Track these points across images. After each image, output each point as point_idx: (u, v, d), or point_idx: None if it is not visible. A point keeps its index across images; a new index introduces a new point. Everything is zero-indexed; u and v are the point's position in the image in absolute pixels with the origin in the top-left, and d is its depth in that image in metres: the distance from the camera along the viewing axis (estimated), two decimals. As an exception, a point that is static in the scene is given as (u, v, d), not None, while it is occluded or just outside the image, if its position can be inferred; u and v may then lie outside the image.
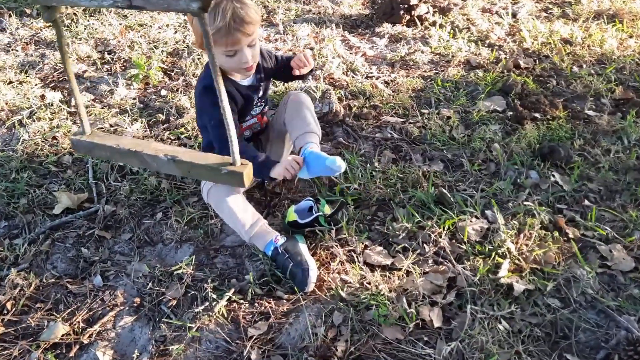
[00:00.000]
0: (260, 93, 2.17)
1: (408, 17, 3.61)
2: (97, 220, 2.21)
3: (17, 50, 3.48)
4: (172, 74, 3.20)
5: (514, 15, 3.74)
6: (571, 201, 2.23)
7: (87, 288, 1.95)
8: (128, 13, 3.88)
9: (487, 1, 3.99)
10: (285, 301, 1.87)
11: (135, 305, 1.89)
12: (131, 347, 1.76)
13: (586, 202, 2.21)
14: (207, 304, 1.85)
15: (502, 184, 2.30)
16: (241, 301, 1.87)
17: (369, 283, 1.89)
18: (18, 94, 2.99)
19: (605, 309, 1.80)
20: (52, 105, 2.89)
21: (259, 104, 2.19)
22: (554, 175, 2.34)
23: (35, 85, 3.07)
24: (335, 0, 4.04)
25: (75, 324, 1.83)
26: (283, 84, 2.96)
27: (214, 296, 1.87)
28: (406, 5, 3.60)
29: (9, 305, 1.89)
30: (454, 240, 2.06)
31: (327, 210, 2.14)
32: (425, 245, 2.04)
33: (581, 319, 1.77)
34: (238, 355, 1.71)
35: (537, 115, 2.69)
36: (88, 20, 3.83)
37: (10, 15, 3.93)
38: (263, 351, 1.72)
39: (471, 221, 2.13)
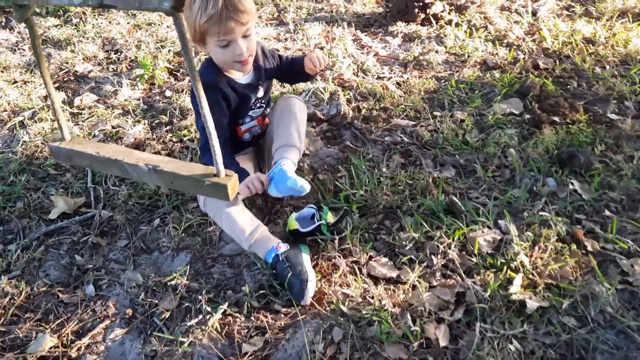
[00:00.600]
0: (260, 93, 2.08)
1: (423, 15, 3.49)
2: (93, 226, 2.14)
3: (23, 50, 3.44)
4: (178, 74, 3.13)
5: (534, 13, 3.60)
6: (591, 211, 2.09)
7: (78, 298, 1.88)
8: (137, 12, 3.82)
9: (505, -1, 3.85)
10: (283, 315, 1.78)
11: (127, 316, 1.81)
12: (121, 363, 1.68)
13: (607, 213, 2.07)
14: (200, 317, 1.76)
15: (517, 192, 2.18)
16: (236, 314, 1.78)
17: (372, 297, 1.79)
18: (21, 94, 2.93)
19: (626, 329, 1.67)
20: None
21: (258, 105, 2.10)
22: (572, 183, 2.20)
23: (40, 85, 3.01)
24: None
25: (64, 336, 1.75)
26: (290, 86, 2.87)
27: (209, 309, 1.78)
28: (421, 3, 3.48)
29: (-3, 315, 1.83)
30: (463, 252, 1.95)
31: (330, 218, 2.04)
32: (433, 256, 1.92)
33: (599, 339, 1.65)
34: (231, 373, 1.62)
35: (556, 118, 2.56)
36: (97, 19, 3.78)
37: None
38: (257, 369, 1.62)
39: (483, 232, 2.01)
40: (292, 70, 2.15)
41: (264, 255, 1.91)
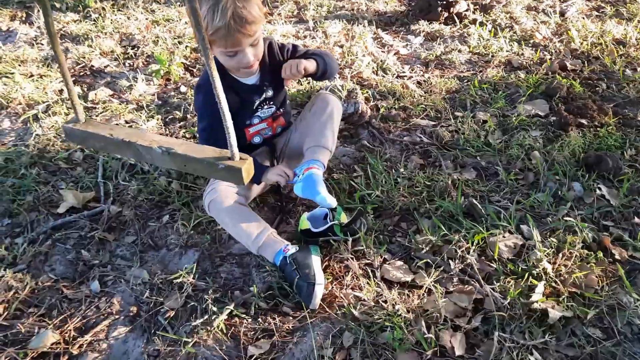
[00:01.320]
0: (269, 93, 2.01)
1: (446, 14, 3.40)
2: (101, 221, 2.09)
3: (41, 44, 3.42)
4: (194, 70, 3.08)
5: (562, 14, 3.49)
6: (619, 218, 1.99)
7: (83, 294, 1.82)
8: (156, 8, 3.79)
9: (532, -1, 3.74)
10: (291, 318, 1.70)
11: (131, 314, 1.75)
12: (122, 361, 1.62)
13: (636, 220, 1.97)
14: (206, 317, 1.70)
15: (540, 196, 2.08)
16: (243, 316, 1.71)
17: (385, 301, 1.71)
18: (37, 87, 2.91)
19: (655, 343, 1.57)
20: (68, 99, 2.80)
21: (266, 106, 2.03)
22: (600, 188, 2.10)
23: (55, 79, 2.99)
24: (370, -3, 3.85)
25: (66, 332, 1.70)
26: (308, 82, 2.80)
27: (215, 309, 1.71)
28: (445, 2, 3.39)
29: (0, 309, 1.78)
30: (483, 257, 1.86)
31: (344, 218, 1.96)
32: (450, 261, 1.83)
33: (626, 352, 1.55)
34: (235, 376, 1.55)
35: (584, 121, 2.45)
36: (115, 15, 3.75)
37: (39, 10, 3.87)
38: (263, 373, 1.55)
39: (504, 236, 1.91)
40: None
41: (272, 258, 1.85)
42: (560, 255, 1.81)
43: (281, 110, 2.12)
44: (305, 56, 2.00)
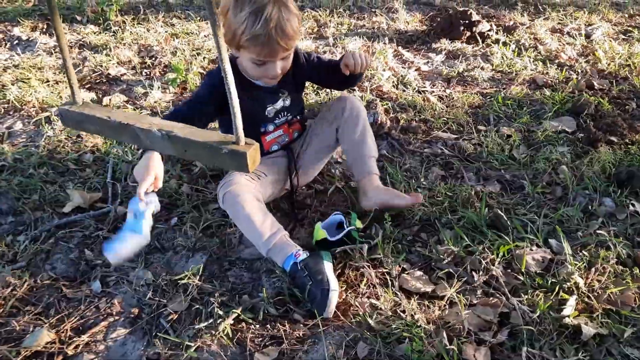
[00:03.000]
0: (287, 102, 1.95)
1: (469, 33, 3.34)
2: (107, 222, 2.00)
3: (60, 53, 3.41)
4: (211, 79, 3.03)
5: (587, 36, 3.41)
6: (654, 234, 1.86)
7: (83, 293, 1.72)
8: (176, 22, 3.78)
9: (557, 22, 3.67)
10: (302, 325, 1.59)
11: (132, 316, 1.64)
12: (120, 364, 1.51)
13: (673, 237, 1.84)
14: (211, 320, 1.59)
15: (570, 210, 1.96)
16: (251, 321, 1.60)
17: (403, 311, 1.59)
18: (52, 92, 2.87)
19: (700, 365, 1.43)
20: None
21: (282, 114, 1.97)
22: (633, 205, 1.98)
23: (71, 85, 2.95)
24: (392, 16, 3.81)
25: (62, 332, 1.59)
26: (326, 93, 2.73)
27: (221, 312, 1.60)
28: (467, 22, 3.33)
29: (-4, 306, 1.69)
30: (509, 270, 1.74)
31: (359, 225, 1.85)
32: (474, 273, 1.71)
33: (668, 376, 1.41)
34: (240, 384, 1.43)
35: (613, 138, 2.35)
36: (135, 27, 3.74)
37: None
38: (270, 382, 1.43)
39: (531, 249, 1.79)
40: (329, 72, 2.00)
41: (282, 262, 1.74)
42: (593, 270, 1.68)
43: (298, 117, 2.05)
44: (335, 64, 1.96)
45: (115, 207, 2.06)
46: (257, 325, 1.59)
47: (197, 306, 1.65)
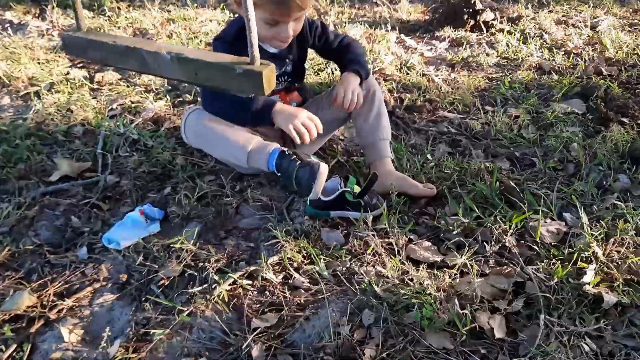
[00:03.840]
0: (289, 68, 1.87)
1: (473, 22, 3.28)
2: (96, 190, 1.89)
3: (52, 35, 3.31)
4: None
5: (593, 27, 3.35)
6: (672, 210, 1.77)
7: (68, 260, 1.61)
8: (172, 8, 3.69)
9: (561, 15, 3.61)
10: (303, 291, 1.48)
11: (121, 282, 1.53)
12: (106, 329, 1.39)
13: (693, 211, 1.75)
14: (205, 285, 1.48)
15: (583, 185, 1.87)
16: (248, 287, 1.49)
17: (411, 279, 1.48)
18: (42, 69, 2.77)
19: None
20: (74, 79, 2.65)
21: (282, 79, 1.89)
22: (649, 181, 1.89)
23: (62, 64, 2.85)
24: (394, 7, 3.74)
25: (45, 297, 1.48)
26: (327, 73, 2.64)
27: (216, 277, 1.49)
28: (471, 10, 3.26)
29: (-26, 271, 1.57)
30: (522, 242, 1.64)
31: (357, 189, 1.75)
32: (485, 244, 1.61)
33: (694, 347, 1.31)
34: (236, 349, 1.31)
35: (625, 120, 2.27)
36: (130, 12, 3.66)
37: (54, 7, 3.78)
38: (268, 347, 1.32)
39: (545, 222, 1.70)
40: (333, 57, 2.01)
41: (265, 162, 1.67)
42: (612, 241, 1.59)
43: (296, 84, 1.96)
44: (338, 49, 1.94)
45: (105, 176, 1.95)
46: (255, 292, 1.48)
47: (191, 271, 1.53)
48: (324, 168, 1.60)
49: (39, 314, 1.42)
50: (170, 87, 2.62)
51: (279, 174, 1.67)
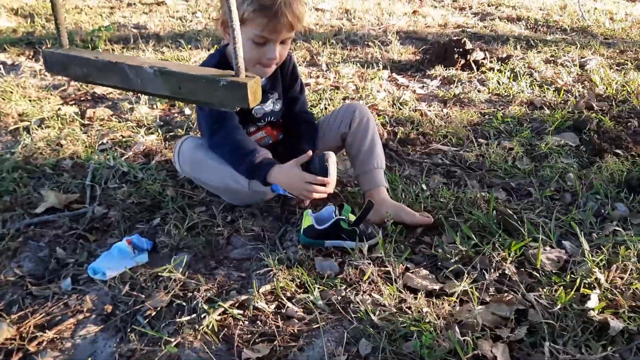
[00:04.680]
0: (277, 106, 1.90)
1: (463, 61, 3.31)
2: (83, 221, 1.83)
3: (45, 75, 3.31)
4: (201, 97, 2.93)
5: (581, 66, 3.38)
6: (673, 237, 1.73)
7: (51, 291, 1.54)
8: (166, 50, 3.71)
9: (550, 55, 3.66)
10: (296, 321, 1.41)
11: (106, 313, 1.46)
12: (88, 362, 1.32)
13: (695, 238, 1.71)
14: (194, 315, 1.41)
15: (581, 213, 1.84)
16: (239, 317, 1.42)
17: (409, 308, 1.42)
18: (33, 106, 2.75)
19: None
20: (65, 115, 2.62)
21: (268, 118, 1.90)
22: (647, 209, 1.86)
23: (54, 102, 2.83)
24: (385, 48, 3.77)
25: (24, 328, 1.40)
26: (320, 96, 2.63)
27: (206, 307, 1.43)
28: (461, 50, 3.30)
29: (-48, 303, 1.49)
30: (522, 269, 1.59)
31: (352, 217, 1.71)
32: (484, 271, 1.56)
33: None
34: (225, 381, 1.24)
35: (619, 151, 2.26)
36: (124, 53, 3.67)
37: (48, 47, 3.79)
38: (260, 378, 1.24)
39: (545, 249, 1.65)
40: (291, 118, 1.98)
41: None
42: (614, 268, 1.54)
43: (282, 120, 1.95)
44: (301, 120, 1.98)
45: (93, 207, 1.90)
46: (246, 321, 1.42)
47: (179, 301, 1.47)
48: (332, 158, 1.64)
49: (18, 346, 1.35)
50: (162, 123, 2.60)
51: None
